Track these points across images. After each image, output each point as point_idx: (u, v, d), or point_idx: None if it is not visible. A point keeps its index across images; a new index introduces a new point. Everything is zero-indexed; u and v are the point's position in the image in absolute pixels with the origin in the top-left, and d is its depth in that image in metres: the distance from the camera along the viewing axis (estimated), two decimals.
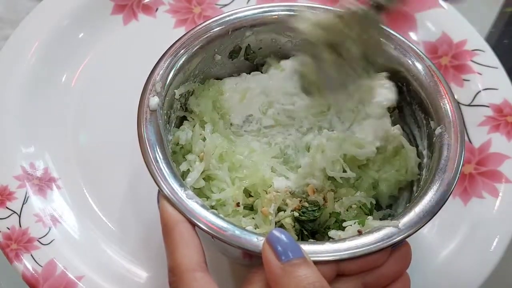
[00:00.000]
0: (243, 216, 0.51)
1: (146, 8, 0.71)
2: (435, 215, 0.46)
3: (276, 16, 0.56)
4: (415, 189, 0.53)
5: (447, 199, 0.46)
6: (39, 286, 0.53)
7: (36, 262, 0.54)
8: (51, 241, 0.56)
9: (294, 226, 0.51)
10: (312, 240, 0.51)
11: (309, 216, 0.51)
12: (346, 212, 0.51)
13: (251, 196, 0.53)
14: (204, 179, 0.52)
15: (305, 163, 0.53)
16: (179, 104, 0.55)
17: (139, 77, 0.52)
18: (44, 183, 0.59)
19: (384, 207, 0.55)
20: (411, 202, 0.47)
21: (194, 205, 0.45)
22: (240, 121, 0.58)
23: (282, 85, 0.57)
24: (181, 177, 0.50)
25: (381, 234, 0.44)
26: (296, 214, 0.51)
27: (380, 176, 0.54)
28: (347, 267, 0.43)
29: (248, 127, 0.57)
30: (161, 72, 0.52)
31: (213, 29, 0.55)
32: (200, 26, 0.55)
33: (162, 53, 0.53)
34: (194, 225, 0.44)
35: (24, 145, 0.61)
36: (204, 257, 0.43)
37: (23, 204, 0.57)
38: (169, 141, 0.52)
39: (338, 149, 0.53)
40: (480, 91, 0.65)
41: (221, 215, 0.46)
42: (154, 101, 0.50)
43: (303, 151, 0.56)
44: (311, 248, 0.43)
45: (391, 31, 0.55)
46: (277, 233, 0.42)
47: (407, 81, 0.54)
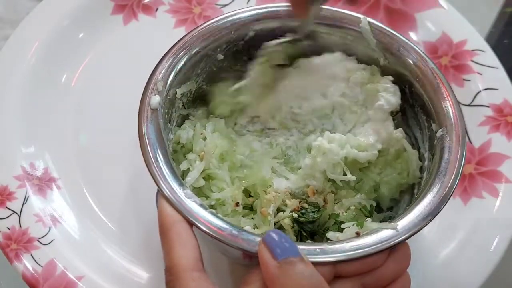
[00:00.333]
0: (242, 216, 0.51)
1: (146, 8, 0.71)
2: (434, 218, 0.45)
3: (279, 17, 0.56)
4: (416, 191, 0.53)
5: (447, 202, 0.46)
6: (39, 286, 0.53)
7: (36, 262, 0.54)
8: (51, 241, 0.56)
9: (293, 227, 0.50)
10: (310, 241, 0.51)
11: (308, 217, 0.51)
12: (345, 213, 0.51)
13: (251, 196, 0.53)
14: (204, 178, 0.52)
15: (305, 164, 0.53)
16: (181, 103, 0.55)
17: (139, 77, 0.52)
18: (44, 183, 0.59)
19: (385, 210, 0.55)
20: (410, 204, 0.47)
21: (192, 205, 0.45)
22: (245, 121, 0.58)
23: (296, 86, 0.57)
24: (181, 176, 0.50)
25: (379, 236, 0.44)
26: (295, 215, 0.51)
27: (381, 179, 0.54)
28: (345, 268, 0.43)
29: (251, 127, 0.58)
30: (163, 71, 0.52)
31: (216, 28, 0.55)
32: (202, 26, 0.55)
33: (163, 53, 0.53)
34: (192, 225, 0.44)
35: (24, 145, 0.61)
36: (201, 257, 0.43)
37: (23, 204, 0.57)
38: (170, 140, 0.52)
39: (339, 152, 0.52)
40: (480, 91, 0.65)
41: (219, 214, 0.46)
42: (155, 100, 0.50)
43: (304, 152, 0.56)
44: (308, 249, 0.42)
45: (393, 31, 0.55)
46: (273, 233, 0.42)
47: (410, 83, 0.54)
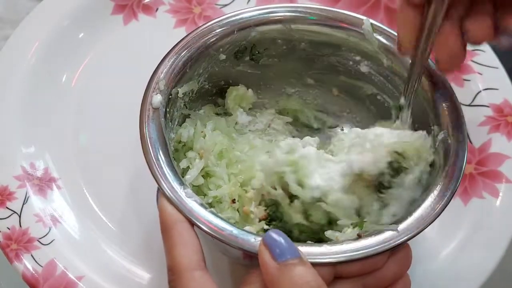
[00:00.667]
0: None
1: (146, 8, 0.71)
2: (434, 220, 0.45)
3: (281, 17, 0.56)
4: None
5: (447, 205, 0.46)
6: (39, 286, 0.53)
7: (36, 262, 0.54)
8: (51, 241, 0.56)
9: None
10: (310, 242, 0.51)
11: (277, 224, 0.50)
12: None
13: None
14: (203, 176, 0.52)
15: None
16: (183, 103, 0.55)
17: (139, 77, 0.52)
18: (44, 183, 0.59)
19: None
20: (411, 207, 0.47)
21: (193, 204, 0.45)
22: (246, 121, 0.58)
23: None
24: (181, 174, 0.50)
25: (380, 237, 0.44)
26: (266, 227, 0.50)
27: None
28: (345, 269, 0.43)
29: (253, 127, 0.58)
30: (165, 70, 0.51)
31: (218, 28, 0.54)
32: (205, 25, 0.54)
33: (164, 53, 0.52)
34: (193, 225, 0.44)
35: (24, 145, 0.61)
36: (203, 256, 0.43)
37: (23, 204, 0.57)
38: (171, 139, 0.52)
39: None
40: (480, 91, 0.65)
41: (219, 214, 0.46)
42: (157, 99, 0.50)
43: None
44: (308, 250, 0.42)
45: (394, 32, 0.54)
46: (273, 234, 0.41)
47: None
